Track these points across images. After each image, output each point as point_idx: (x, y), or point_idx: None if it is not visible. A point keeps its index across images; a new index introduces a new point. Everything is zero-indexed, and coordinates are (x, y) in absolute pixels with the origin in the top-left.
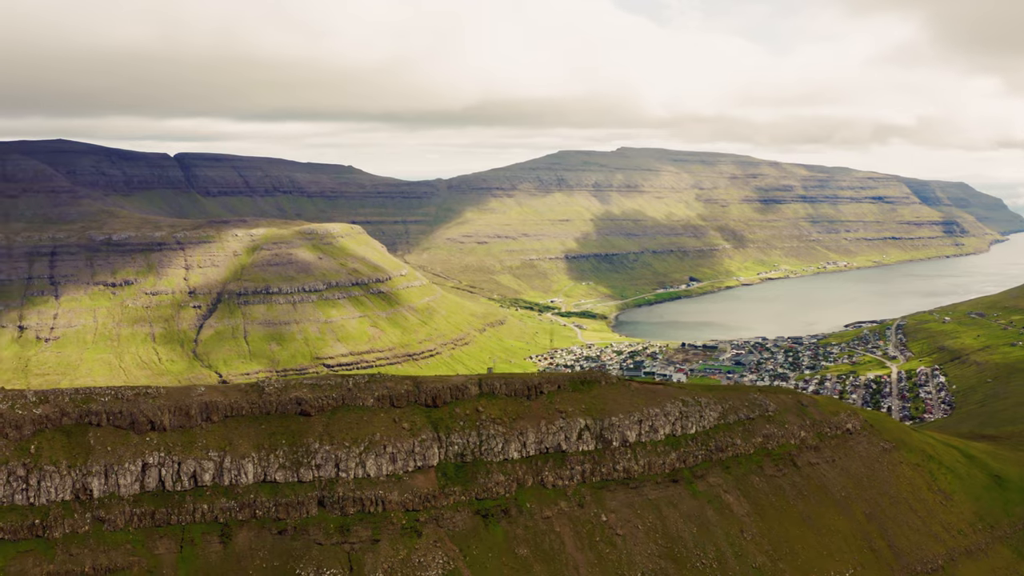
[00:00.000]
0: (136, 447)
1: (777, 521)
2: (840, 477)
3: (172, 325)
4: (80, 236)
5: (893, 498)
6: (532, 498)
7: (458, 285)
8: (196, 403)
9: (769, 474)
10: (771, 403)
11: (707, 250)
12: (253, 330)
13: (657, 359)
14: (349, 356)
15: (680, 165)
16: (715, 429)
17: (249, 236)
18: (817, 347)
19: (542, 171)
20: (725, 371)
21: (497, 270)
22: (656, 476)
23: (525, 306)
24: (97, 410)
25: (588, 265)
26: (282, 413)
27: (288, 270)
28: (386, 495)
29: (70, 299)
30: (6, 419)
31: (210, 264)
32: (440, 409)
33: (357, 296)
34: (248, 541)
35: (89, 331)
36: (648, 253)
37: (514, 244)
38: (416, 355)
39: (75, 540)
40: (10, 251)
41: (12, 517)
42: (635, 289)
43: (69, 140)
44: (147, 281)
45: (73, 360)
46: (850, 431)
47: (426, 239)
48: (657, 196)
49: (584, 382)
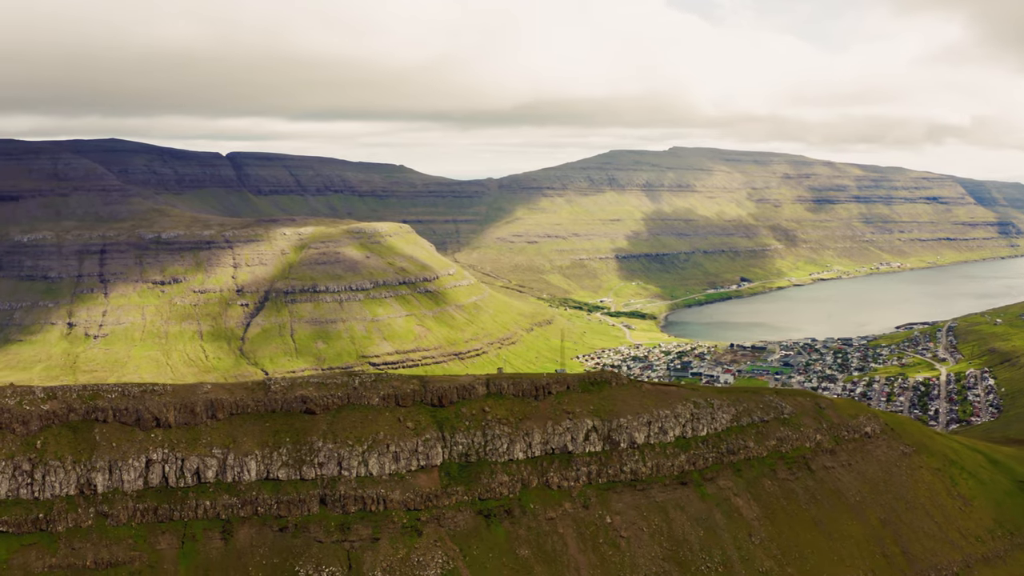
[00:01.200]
0: (141, 443)
1: (787, 525)
2: (855, 481)
3: (220, 323)
4: (130, 234)
5: (910, 503)
6: (536, 499)
7: (507, 285)
8: (201, 400)
9: (782, 477)
10: (787, 406)
11: (759, 250)
12: (300, 328)
13: (705, 360)
14: (395, 355)
15: (733, 164)
16: (727, 431)
17: (297, 235)
18: (867, 348)
19: (593, 170)
20: (773, 372)
21: (547, 270)
22: (664, 478)
23: (574, 306)
24: (103, 406)
25: (638, 265)
26: (287, 411)
27: (336, 268)
28: (388, 494)
29: (119, 296)
30: (13, 414)
31: (258, 262)
32: (446, 409)
33: (404, 295)
34: (249, 538)
35: (137, 328)
36: (699, 253)
37: (564, 244)
38: (462, 354)
39: (78, 534)
40: (60, 249)
41: (16, 511)
42: (685, 289)
43: (122, 139)
44: (195, 279)
45: (121, 357)
46: (868, 435)
47: (476, 238)
48: (709, 196)
49: (594, 383)
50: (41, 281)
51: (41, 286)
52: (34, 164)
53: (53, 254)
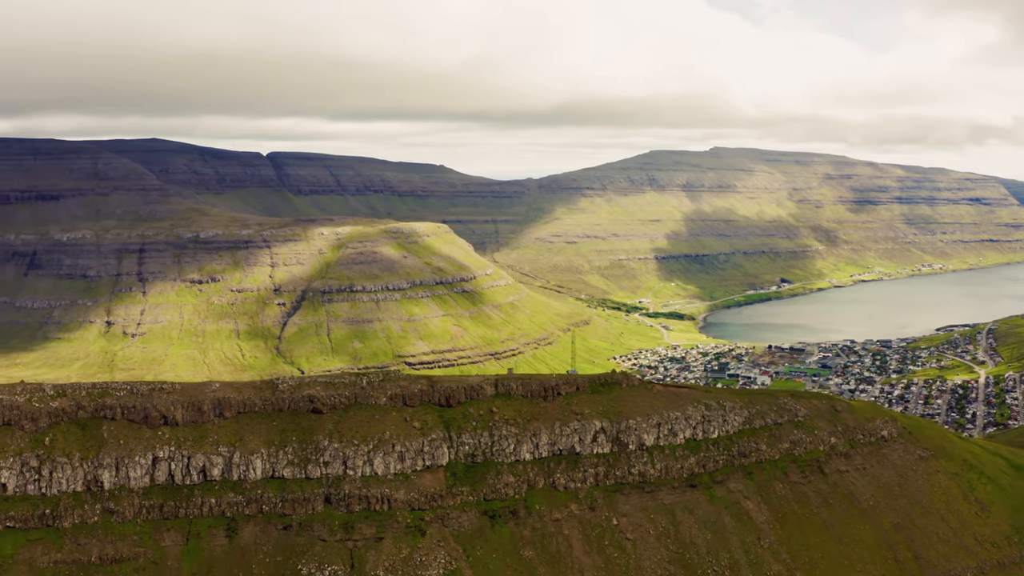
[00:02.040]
0: (148, 441)
1: (798, 529)
2: (869, 485)
3: (256, 322)
4: (168, 234)
5: (925, 508)
6: (542, 500)
7: (546, 285)
8: (209, 399)
9: (794, 481)
10: (802, 408)
11: (799, 251)
12: (336, 327)
13: (742, 361)
14: (431, 354)
15: (774, 165)
16: (739, 434)
17: (335, 234)
18: (906, 351)
19: (633, 171)
20: (811, 374)
21: (585, 270)
22: (673, 480)
23: (612, 306)
24: (112, 404)
25: (678, 265)
26: (295, 410)
27: (373, 268)
28: (392, 493)
29: (157, 295)
30: (23, 412)
31: (295, 262)
32: (454, 409)
33: (441, 295)
34: (253, 536)
35: (175, 327)
36: (739, 254)
37: (603, 244)
38: (498, 354)
39: (84, 530)
40: (100, 248)
41: (24, 506)
42: (725, 290)
43: (163, 139)
44: (233, 278)
45: (158, 355)
46: (884, 438)
47: (515, 238)
48: (750, 196)
49: (604, 384)
50: (80, 280)
51: (80, 284)
52: (75, 164)
53: (92, 253)
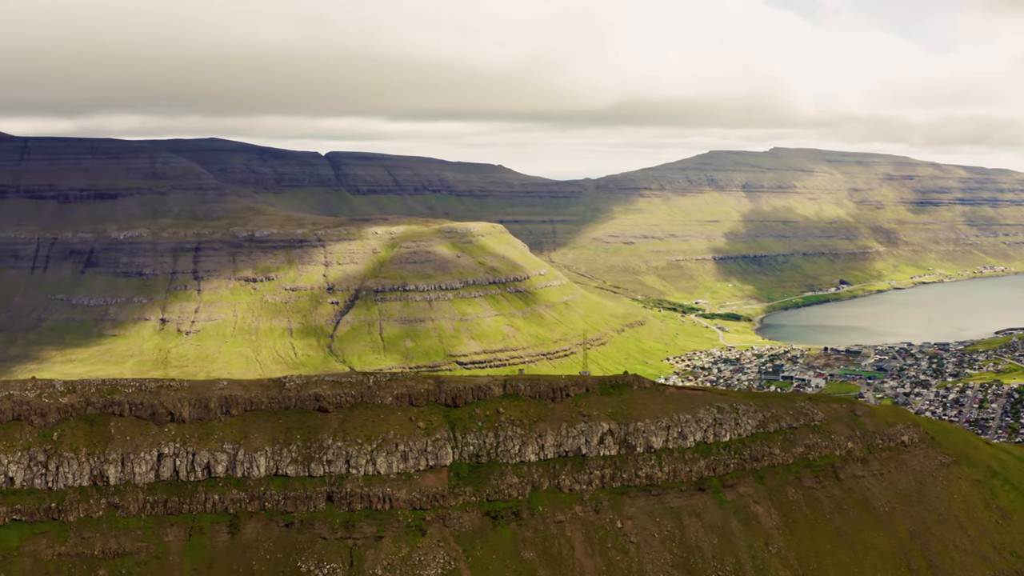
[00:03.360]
0: (154, 437)
1: (808, 535)
2: (886, 492)
3: (309, 320)
4: (224, 232)
5: (942, 515)
6: (546, 501)
7: (602, 285)
8: (216, 397)
9: (807, 486)
10: (819, 412)
11: (859, 252)
12: (388, 326)
13: (797, 363)
14: (483, 354)
15: (834, 165)
16: (752, 438)
17: (389, 233)
18: (963, 354)
19: (692, 171)
20: (866, 377)
21: (642, 270)
22: (681, 484)
23: (669, 307)
24: (120, 401)
25: (735, 266)
26: (301, 409)
27: (426, 268)
28: (394, 493)
29: (211, 293)
30: (32, 407)
31: (349, 261)
32: (460, 409)
33: (494, 294)
34: (255, 532)
35: (228, 325)
36: (798, 255)
37: (660, 244)
38: (550, 354)
39: (88, 524)
40: (156, 246)
41: (30, 500)
42: (783, 291)
43: (221, 139)
44: (287, 277)
45: (211, 353)
46: (905, 443)
47: (572, 239)
48: (810, 197)
49: (615, 386)
50: (136, 277)
51: (136, 282)
52: (133, 163)
53: (148, 251)
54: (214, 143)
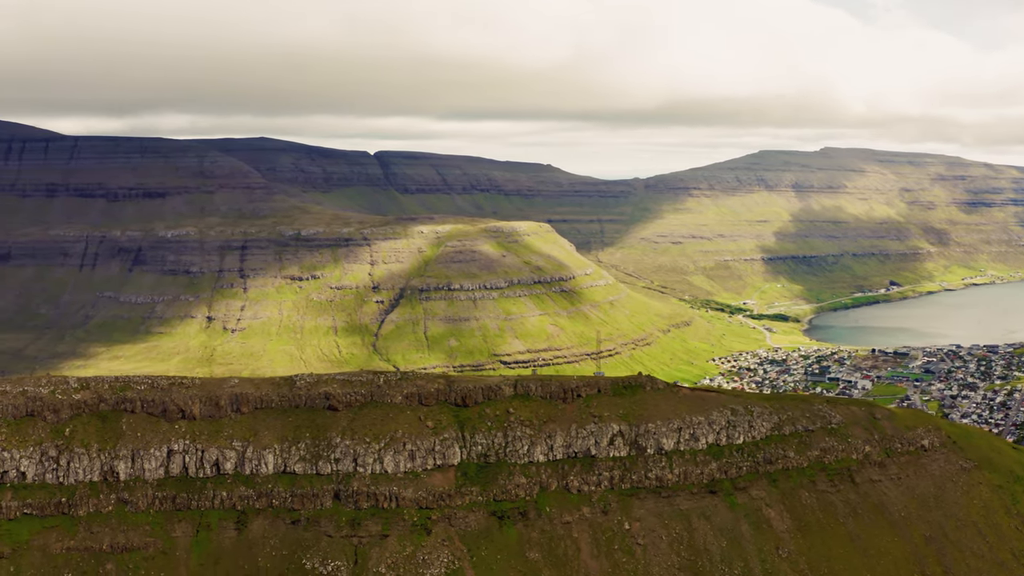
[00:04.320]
0: (164, 434)
1: (820, 539)
2: (903, 496)
3: (354, 318)
4: (271, 231)
5: (960, 521)
6: (554, 502)
7: (649, 285)
8: (226, 394)
9: (821, 489)
10: (837, 415)
11: (909, 253)
12: (433, 325)
13: (844, 365)
14: (526, 353)
15: (885, 165)
16: (766, 440)
17: (435, 233)
18: (1012, 356)
19: (741, 170)
20: (913, 379)
21: (690, 270)
22: (692, 486)
23: (716, 307)
24: (132, 398)
25: (784, 267)
26: (310, 407)
27: (471, 267)
28: (400, 491)
29: (257, 291)
30: (45, 403)
31: (395, 260)
32: (470, 409)
33: (538, 294)
34: (262, 529)
35: (274, 323)
36: (848, 256)
37: (709, 244)
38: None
39: (97, 519)
40: (203, 245)
41: (41, 494)
42: (832, 292)
43: (271, 138)
44: (332, 275)
45: (256, 350)
46: (925, 448)
47: (620, 238)
48: (860, 197)
49: (627, 387)
50: (183, 275)
51: (183, 280)
52: (181, 162)
53: (196, 249)
54: (263, 142)
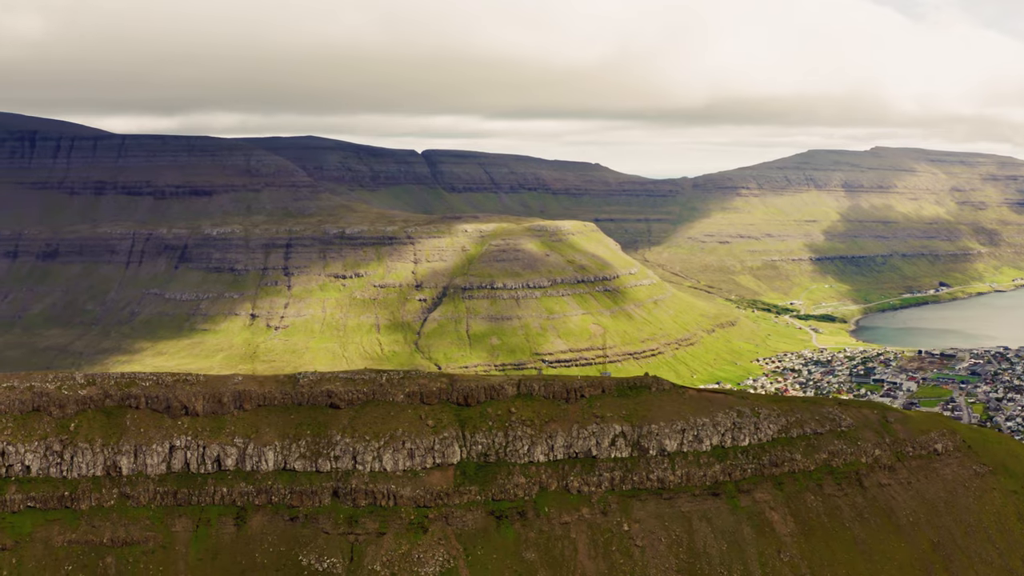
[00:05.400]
0: (167, 430)
1: (824, 543)
2: (912, 501)
3: (397, 316)
4: (315, 229)
5: (970, 527)
6: (553, 502)
7: (696, 285)
8: (229, 391)
9: (828, 493)
10: (847, 418)
11: (959, 254)
12: (475, 324)
13: (890, 366)
14: (568, 352)
15: (937, 165)
16: (772, 443)
17: (479, 231)
18: None
19: (790, 170)
20: (959, 381)
21: (737, 270)
22: (694, 488)
23: (762, 308)
24: (137, 394)
25: (832, 267)
26: (313, 405)
27: (514, 266)
28: (398, 490)
29: (301, 289)
30: (51, 398)
31: (438, 258)
32: (471, 408)
33: (582, 293)
34: (260, 525)
35: (317, 320)
36: (897, 256)
37: (756, 244)
38: (637, 354)
39: (99, 513)
40: (248, 242)
41: (45, 488)
42: (880, 293)
43: (318, 137)
44: (376, 273)
45: (299, 348)
46: (938, 452)
47: (668, 238)
48: (911, 197)
49: (632, 388)
50: (228, 273)
51: (228, 278)
52: (228, 161)
53: (241, 247)
54: (311, 141)
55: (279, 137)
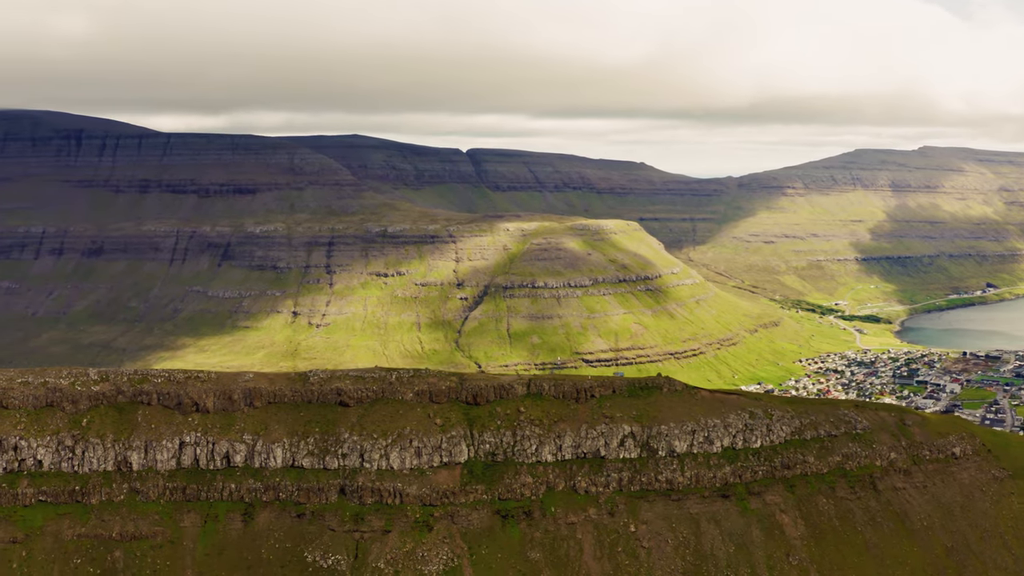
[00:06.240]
0: (177, 426)
1: (834, 547)
2: (926, 505)
3: (437, 315)
4: (358, 228)
5: (986, 532)
6: (559, 502)
7: (740, 285)
8: (240, 388)
9: (840, 496)
10: (863, 420)
11: (1007, 255)
12: (516, 322)
13: (934, 368)
14: (609, 352)
15: (986, 165)
16: (785, 445)
17: (520, 230)
18: None
19: (836, 169)
20: (1003, 383)
21: (782, 270)
22: (703, 490)
23: (807, 308)
24: (148, 390)
25: (878, 267)
26: (323, 402)
27: (556, 265)
28: (404, 488)
29: (343, 287)
30: (64, 394)
31: (480, 257)
32: (480, 407)
33: (623, 292)
34: (267, 522)
35: (358, 318)
36: (944, 256)
37: (801, 244)
38: (678, 354)
39: (109, 507)
40: (291, 240)
41: (56, 482)
42: (926, 294)
43: (363, 135)
44: (417, 272)
45: (340, 345)
46: (956, 456)
47: (712, 237)
48: (959, 197)
49: (644, 388)
50: (270, 271)
51: (270, 275)
52: (271, 159)
53: (283, 245)
54: (356, 139)
55: (324, 136)
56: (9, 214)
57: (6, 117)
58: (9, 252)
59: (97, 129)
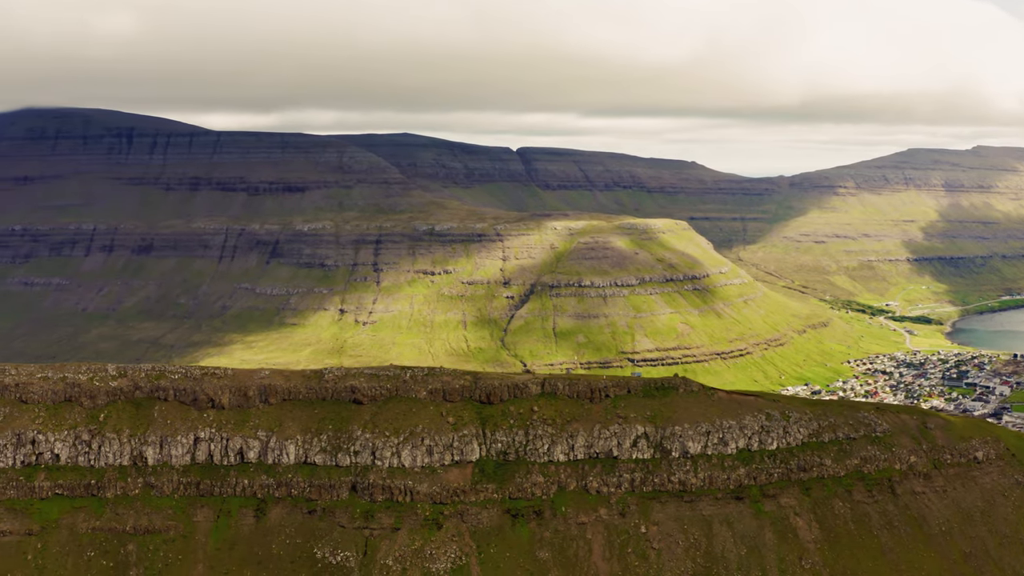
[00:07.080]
0: (193, 422)
1: (848, 551)
2: (946, 510)
3: (484, 313)
4: (405, 226)
5: (1005, 538)
6: (570, 502)
7: (790, 285)
8: (255, 385)
9: (857, 500)
10: (882, 423)
11: None
12: (562, 321)
13: (984, 370)
14: (655, 351)
15: None
16: (802, 447)
17: (567, 229)
18: None
19: (888, 169)
20: None
21: (832, 270)
22: (717, 491)
23: (857, 309)
24: (165, 386)
25: (930, 268)
26: (337, 400)
27: (603, 264)
28: (415, 486)
29: (390, 285)
30: (83, 389)
31: (526, 256)
32: (494, 406)
33: (670, 292)
34: (279, 518)
35: (404, 316)
36: (997, 257)
37: (852, 244)
38: (725, 354)
39: (124, 501)
40: (338, 238)
41: (72, 476)
42: (978, 295)
43: (413, 134)
44: (464, 270)
45: (386, 343)
46: (978, 460)
47: (763, 237)
48: (1013, 197)
49: (659, 388)
50: (318, 268)
51: (318, 273)
52: (321, 157)
53: (331, 243)
54: (406, 138)
55: (374, 134)
56: (60, 211)
57: (58, 116)
58: (60, 249)
59: (148, 127)
